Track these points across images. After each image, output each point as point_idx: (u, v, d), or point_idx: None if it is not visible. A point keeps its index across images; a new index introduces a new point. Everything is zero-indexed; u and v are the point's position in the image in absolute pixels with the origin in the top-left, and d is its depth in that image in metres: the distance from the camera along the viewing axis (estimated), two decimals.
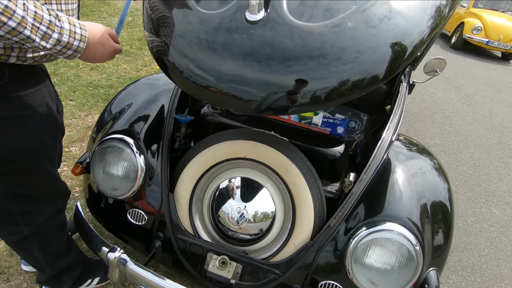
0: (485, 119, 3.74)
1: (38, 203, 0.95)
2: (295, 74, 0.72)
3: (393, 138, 1.20)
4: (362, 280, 0.94)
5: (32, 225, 0.96)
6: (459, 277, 1.63)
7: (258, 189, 1.08)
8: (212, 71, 0.74)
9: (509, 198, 2.34)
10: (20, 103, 0.78)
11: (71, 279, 1.14)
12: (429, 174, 1.13)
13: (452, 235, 1.07)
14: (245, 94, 0.74)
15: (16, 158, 0.83)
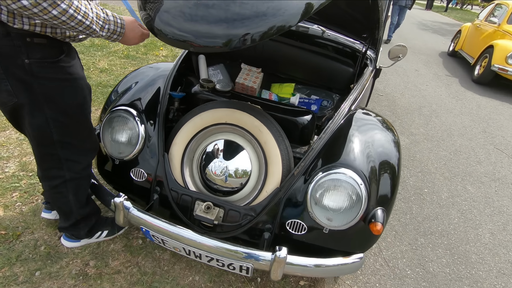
0: (472, 112, 3.91)
1: (79, 153, 1.21)
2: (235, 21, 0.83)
3: (352, 107, 1.43)
4: (321, 218, 1.14)
5: (72, 171, 1.21)
6: (427, 240, 1.81)
7: (238, 149, 1.31)
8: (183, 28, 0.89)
9: (485, 178, 2.51)
10: (73, 70, 1.06)
11: (86, 227, 1.37)
12: (381, 135, 1.34)
13: (397, 184, 1.25)
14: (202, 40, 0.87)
15: (72, 112, 1.10)
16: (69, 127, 1.11)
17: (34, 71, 0.95)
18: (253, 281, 1.40)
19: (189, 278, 1.38)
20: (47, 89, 1.00)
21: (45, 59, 0.97)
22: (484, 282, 1.59)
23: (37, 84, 0.98)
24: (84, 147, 1.22)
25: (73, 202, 1.27)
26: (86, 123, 1.19)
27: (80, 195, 1.29)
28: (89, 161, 1.28)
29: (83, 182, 1.29)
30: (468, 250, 1.78)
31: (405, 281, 1.54)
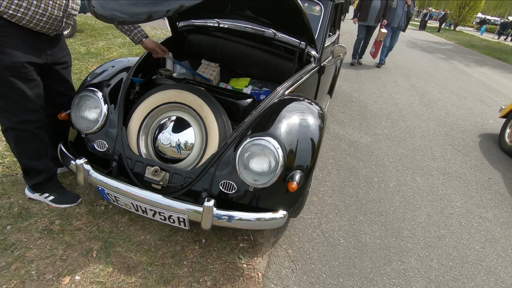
0: (440, 118, 4.16)
1: (15, 106, 1.41)
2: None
3: (285, 92, 1.68)
4: (248, 178, 1.36)
5: (10, 121, 1.43)
6: (366, 218, 2.00)
7: (184, 123, 1.55)
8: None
9: (435, 172, 2.72)
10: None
11: (32, 180, 1.63)
12: (306, 116, 1.56)
13: (316, 155, 1.47)
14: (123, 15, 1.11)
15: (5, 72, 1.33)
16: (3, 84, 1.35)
17: None
18: (197, 242, 1.60)
19: (141, 236, 1.58)
20: None
21: None
22: (409, 251, 1.78)
23: None
24: (19, 102, 1.41)
25: (15, 150, 1.52)
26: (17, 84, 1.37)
27: (22, 147, 1.51)
28: (28, 118, 1.46)
29: (24, 136, 1.49)
30: (402, 227, 1.97)
31: (337, 248, 1.73)
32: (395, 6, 5.89)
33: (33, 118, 1.48)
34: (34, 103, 1.47)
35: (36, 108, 1.48)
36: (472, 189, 2.53)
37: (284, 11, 1.63)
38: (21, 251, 1.39)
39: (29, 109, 1.46)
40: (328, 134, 3.12)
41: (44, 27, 1.39)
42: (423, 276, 1.63)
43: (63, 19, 1.43)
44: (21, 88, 1.39)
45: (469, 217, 2.17)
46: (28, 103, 1.44)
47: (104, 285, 1.31)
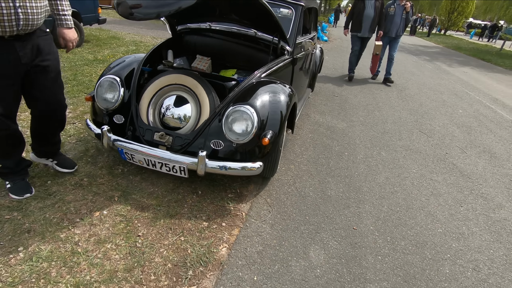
0: (413, 108, 4.62)
1: None
2: None
3: (261, 75, 2.14)
4: (232, 137, 1.81)
5: None
6: (334, 179, 2.44)
7: (183, 100, 2.01)
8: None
9: (400, 148, 3.16)
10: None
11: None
12: (276, 93, 2.02)
13: (283, 120, 1.93)
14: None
15: None
16: None
17: None
18: (195, 193, 2.04)
19: (151, 189, 2.02)
20: None
21: None
22: (365, 201, 2.21)
23: None
24: None
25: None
26: None
27: None
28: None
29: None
30: (362, 185, 2.41)
31: (307, 198, 2.16)
32: (392, 13, 5.27)
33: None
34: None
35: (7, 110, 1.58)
36: (429, 160, 2.98)
37: (260, 15, 2.11)
38: (61, 196, 1.83)
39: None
40: (308, 121, 3.58)
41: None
42: (373, 216, 2.06)
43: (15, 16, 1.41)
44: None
45: (421, 179, 2.61)
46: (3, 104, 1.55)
47: (125, 217, 1.75)
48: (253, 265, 1.57)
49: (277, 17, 2.10)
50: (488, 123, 4.37)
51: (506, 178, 2.82)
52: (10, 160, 1.76)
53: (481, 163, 3.05)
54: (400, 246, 1.82)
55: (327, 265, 1.62)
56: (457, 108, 4.91)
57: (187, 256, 1.55)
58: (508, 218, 2.22)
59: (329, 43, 11.46)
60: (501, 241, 1.97)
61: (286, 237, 1.78)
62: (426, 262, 1.72)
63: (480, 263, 1.77)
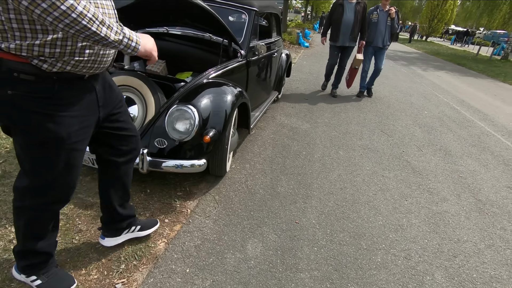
0: (380, 110, 4.77)
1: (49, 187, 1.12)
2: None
3: (209, 76, 2.22)
4: (175, 136, 1.87)
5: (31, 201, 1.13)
6: (286, 177, 2.51)
7: (131, 101, 2.06)
8: None
9: (358, 148, 3.27)
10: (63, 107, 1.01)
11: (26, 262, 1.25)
12: (222, 94, 2.10)
13: (227, 120, 2.00)
14: None
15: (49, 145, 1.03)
16: (33, 158, 1.05)
17: (16, 102, 0.94)
18: (143, 192, 2.08)
19: None
20: (22, 119, 0.97)
21: (29, 93, 0.95)
22: (313, 197, 2.29)
23: (16, 116, 0.97)
24: (60, 182, 1.11)
25: (21, 231, 1.20)
26: (56, 158, 1.06)
27: (35, 228, 1.19)
28: (60, 197, 1.17)
29: (45, 216, 1.19)
30: (313, 182, 2.49)
31: (255, 195, 2.22)
32: (375, 20, 4.67)
33: (66, 198, 1.19)
34: (76, 179, 1.18)
35: (75, 185, 1.19)
36: (384, 159, 3.09)
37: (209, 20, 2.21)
38: (4, 197, 1.84)
39: (69, 187, 1.16)
40: (273, 122, 3.67)
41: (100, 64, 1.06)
42: (318, 211, 2.13)
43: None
44: (69, 163, 1.10)
45: (372, 176, 2.71)
46: (71, 180, 1.15)
47: (66, 215, 1.78)
48: (188, 258, 1.61)
49: (224, 21, 2.19)
50: (450, 123, 4.54)
51: (456, 174, 2.94)
52: (51, 239, 1.27)
53: (435, 160, 3.18)
54: (338, 238, 1.89)
55: (262, 256, 1.68)
56: (423, 110, 5.09)
57: (122, 251, 1.59)
58: (449, 211, 2.32)
59: (310, 49, 11.70)
60: (437, 231, 2.07)
61: (226, 231, 1.83)
62: (360, 252, 1.80)
63: (413, 252, 1.85)
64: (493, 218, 2.30)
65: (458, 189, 2.67)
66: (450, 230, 2.10)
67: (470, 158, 3.36)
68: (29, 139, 1.02)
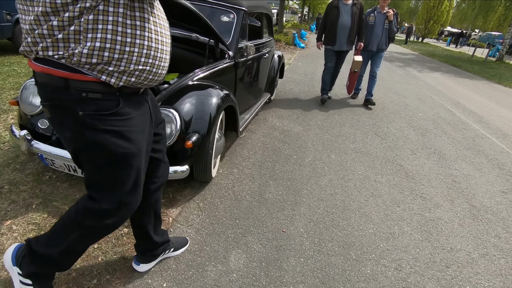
0: (374, 112, 4.70)
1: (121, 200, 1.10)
2: None
3: (194, 78, 2.13)
4: None
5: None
6: (275, 182, 2.43)
7: None
8: None
9: (350, 151, 3.19)
10: (129, 122, 1.02)
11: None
12: (207, 97, 2.01)
13: (211, 125, 1.91)
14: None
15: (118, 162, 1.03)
16: (105, 174, 1.05)
17: (87, 122, 0.95)
18: None
19: (77, 195, 1.95)
20: (97, 138, 0.97)
21: (98, 112, 0.95)
22: (302, 203, 2.20)
23: (89, 135, 0.97)
24: (122, 202, 1.10)
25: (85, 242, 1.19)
26: (130, 172, 1.07)
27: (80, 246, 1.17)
28: (119, 221, 1.14)
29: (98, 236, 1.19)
30: (303, 188, 2.40)
31: (242, 202, 2.14)
32: (372, 23, 4.39)
33: (126, 218, 1.17)
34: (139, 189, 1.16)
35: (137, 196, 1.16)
36: (377, 162, 3.01)
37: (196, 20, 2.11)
38: None
39: (136, 206, 1.16)
40: (264, 125, 3.59)
41: (156, 76, 1.05)
42: (307, 218, 2.05)
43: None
44: (138, 181, 1.11)
45: (364, 181, 2.63)
46: (138, 199, 1.16)
47: (38, 225, 1.68)
48: (166, 271, 1.52)
49: (214, 21, 2.11)
50: (445, 125, 4.49)
51: (450, 178, 2.88)
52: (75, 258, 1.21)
53: (428, 164, 3.11)
54: (326, 247, 1.81)
55: (245, 269, 1.59)
56: (417, 112, 5.03)
57: (96, 265, 1.49)
58: (442, 217, 2.25)
59: (305, 50, 11.64)
60: (430, 239, 2.00)
61: (209, 241, 1.74)
62: (349, 263, 1.72)
63: (404, 262, 1.77)
64: (487, 225, 2.24)
65: (451, 194, 2.60)
66: (443, 238, 2.03)
67: (464, 161, 3.30)
68: (102, 159, 1.01)
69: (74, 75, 0.91)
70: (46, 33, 0.85)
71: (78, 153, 1.03)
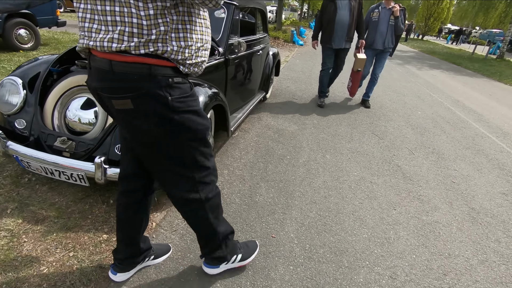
0: (371, 111, 4.60)
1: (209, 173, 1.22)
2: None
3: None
4: None
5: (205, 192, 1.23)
6: (266, 184, 2.33)
7: (91, 103, 1.87)
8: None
9: (346, 151, 3.10)
10: (198, 101, 1.12)
11: (228, 248, 1.44)
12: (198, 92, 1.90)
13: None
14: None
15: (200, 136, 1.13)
16: (199, 152, 1.14)
17: (175, 106, 1.01)
18: (106, 202, 1.89)
19: (56, 199, 1.86)
20: (183, 119, 1.05)
21: (182, 95, 1.03)
22: (294, 207, 2.11)
23: (178, 118, 1.03)
24: (211, 167, 1.22)
25: (213, 225, 1.32)
26: (208, 145, 1.19)
27: (218, 214, 1.35)
28: (215, 180, 1.27)
29: (217, 201, 1.31)
30: (295, 190, 2.31)
31: (231, 205, 2.04)
32: (375, 19, 4.07)
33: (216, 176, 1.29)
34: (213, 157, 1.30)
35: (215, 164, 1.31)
36: (374, 163, 2.92)
37: None
38: None
39: (215, 166, 1.27)
40: (258, 124, 3.49)
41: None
42: (298, 223, 1.95)
43: None
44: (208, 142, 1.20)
45: (359, 182, 2.54)
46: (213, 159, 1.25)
47: (11, 231, 1.58)
48: (145, 281, 1.43)
49: None
50: (444, 124, 4.39)
51: (448, 179, 2.78)
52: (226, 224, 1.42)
53: (427, 165, 3.02)
54: (317, 254, 1.72)
55: (229, 278, 1.50)
56: (416, 110, 4.93)
57: (69, 275, 1.40)
58: (440, 221, 2.16)
59: (304, 48, 11.51)
60: (427, 245, 1.90)
61: (193, 248, 1.65)
62: (341, 271, 1.62)
63: (399, 270, 1.68)
64: (487, 229, 2.14)
65: (450, 196, 2.51)
66: (440, 243, 1.94)
67: (463, 161, 3.20)
68: (188, 138, 1.10)
69: (160, 61, 0.96)
70: (136, 31, 0.90)
71: (159, 141, 1.07)
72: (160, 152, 1.09)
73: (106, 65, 0.93)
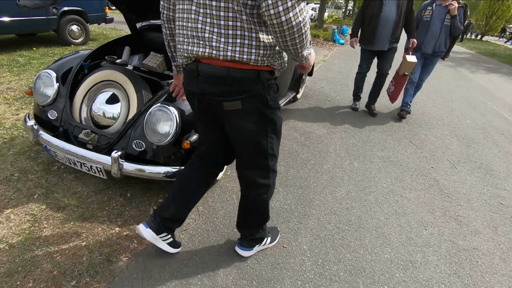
0: (412, 117, 4.24)
1: (276, 163, 1.39)
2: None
3: None
4: (153, 139, 1.69)
5: (272, 179, 1.40)
6: (285, 189, 2.23)
7: (116, 98, 1.92)
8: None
9: (377, 160, 2.87)
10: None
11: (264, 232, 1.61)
12: None
13: None
14: None
15: (279, 130, 1.30)
16: (275, 142, 1.31)
17: (271, 104, 1.18)
18: (123, 195, 1.94)
19: (79, 188, 1.94)
20: (272, 115, 1.22)
21: (275, 94, 1.20)
22: (311, 216, 1.99)
23: (270, 114, 1.20)
24: (277, 158, 1.38)
25: (268, 208, 1.49)
26: (280, 137, 1.34)
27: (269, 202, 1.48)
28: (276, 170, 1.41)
29: (274, 188, 1.48)
30: (315, 198, 2.18)
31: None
32: (427, 18, 3.51)
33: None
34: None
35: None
36: (407, 175, 2.67)
37: None
38: None
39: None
40: (285, 125, 3.38)
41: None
42: (313, 234, 1.83)
43: None
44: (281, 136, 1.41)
45: (388, 195, 2.33)
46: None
47: (35, 216, 1.68)
48: (148, 280, 1.42)
49: None
50: (497, 136, 3.90)
51: (495, 200, 2.45)
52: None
53: (470, 181, 2.69)
54: (330, 271, 1.59)
55: (233, 286, 1.44)
56: (465, 118, 4.45)
57: (78, 264, 1.44)
58: (480, 248, 1.89)
59: (345, 47, 11.04)
60: (460, 274, 1.68)
61: (200, 250, 1.62)
62: None
63: None
64: None
65: (496, 220, 2.20)
66: (477, 274, 1.69)
67: None
68: (272, 130, 1.25)
69: (265, 67, 1.11)
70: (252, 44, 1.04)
71: (256, 136, 1.22)
72: (250, 142, 1.24)
73: (223, 71, 1.07)
